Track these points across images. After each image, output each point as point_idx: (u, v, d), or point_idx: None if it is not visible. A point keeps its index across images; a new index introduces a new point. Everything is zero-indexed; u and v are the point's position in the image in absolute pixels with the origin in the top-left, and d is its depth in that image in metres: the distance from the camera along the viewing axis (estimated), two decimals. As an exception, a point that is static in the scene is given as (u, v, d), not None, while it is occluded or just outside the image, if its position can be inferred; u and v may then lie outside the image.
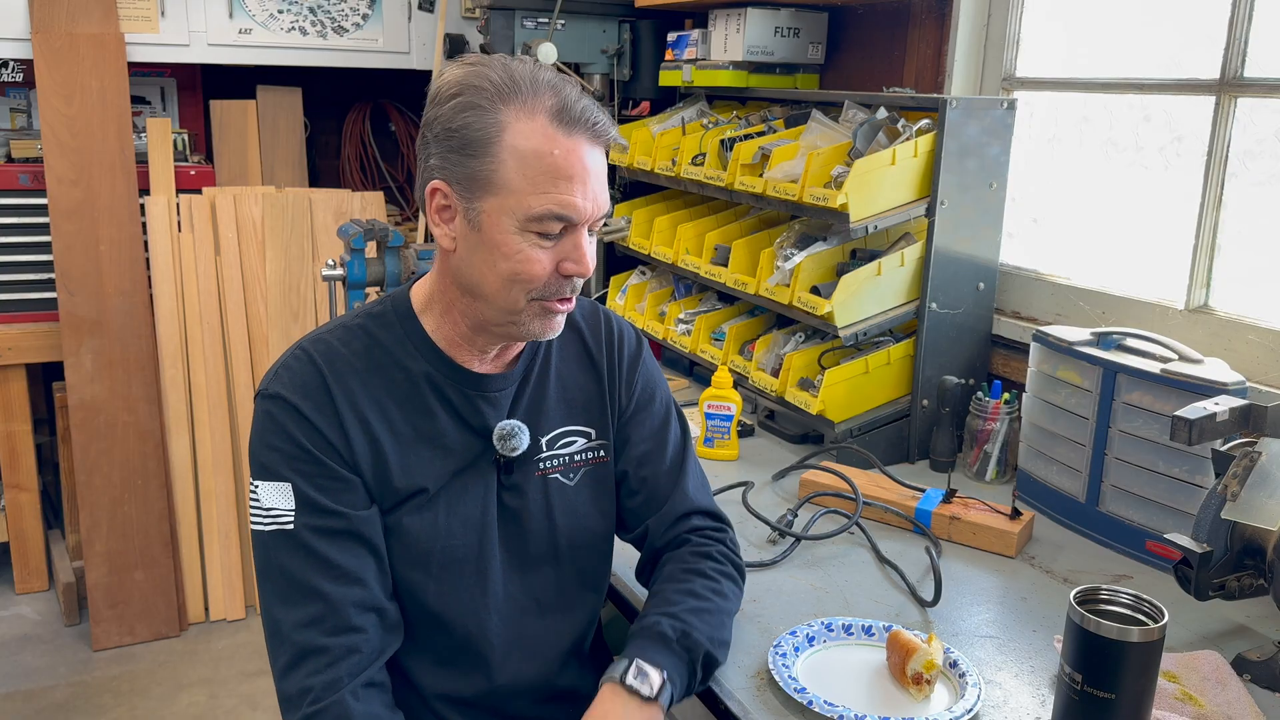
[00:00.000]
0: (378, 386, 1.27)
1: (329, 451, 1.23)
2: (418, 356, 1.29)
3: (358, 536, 1.23)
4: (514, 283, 1.21)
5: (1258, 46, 1.80)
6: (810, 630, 1.41)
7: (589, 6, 2.91)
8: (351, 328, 1.30)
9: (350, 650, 1.20)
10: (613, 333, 1.45)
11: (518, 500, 1.33)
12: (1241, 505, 1.35)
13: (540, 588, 1.36)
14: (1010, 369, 2.15)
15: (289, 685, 1.20)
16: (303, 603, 1.20)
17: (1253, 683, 1.33)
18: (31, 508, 3.29)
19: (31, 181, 3.10)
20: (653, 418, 1.44)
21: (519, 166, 1.17)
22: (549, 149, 1.17)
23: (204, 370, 3.22)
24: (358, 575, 1.22)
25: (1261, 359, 1.76)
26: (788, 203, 2.13)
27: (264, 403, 1.24)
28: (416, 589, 1.28)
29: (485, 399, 1.31)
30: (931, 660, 1.28)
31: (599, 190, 1.21)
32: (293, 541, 1.21)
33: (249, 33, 3.39)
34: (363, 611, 1.22)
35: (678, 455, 1.45)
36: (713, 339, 2.46)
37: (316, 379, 1.24)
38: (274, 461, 1.22)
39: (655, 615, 1.29)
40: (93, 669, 3.02)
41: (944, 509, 1.75)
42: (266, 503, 1.22)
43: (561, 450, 1.37)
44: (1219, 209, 1.86)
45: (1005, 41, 2.28)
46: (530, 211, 1.18)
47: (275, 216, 3.30)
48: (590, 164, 1.20)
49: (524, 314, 1.24)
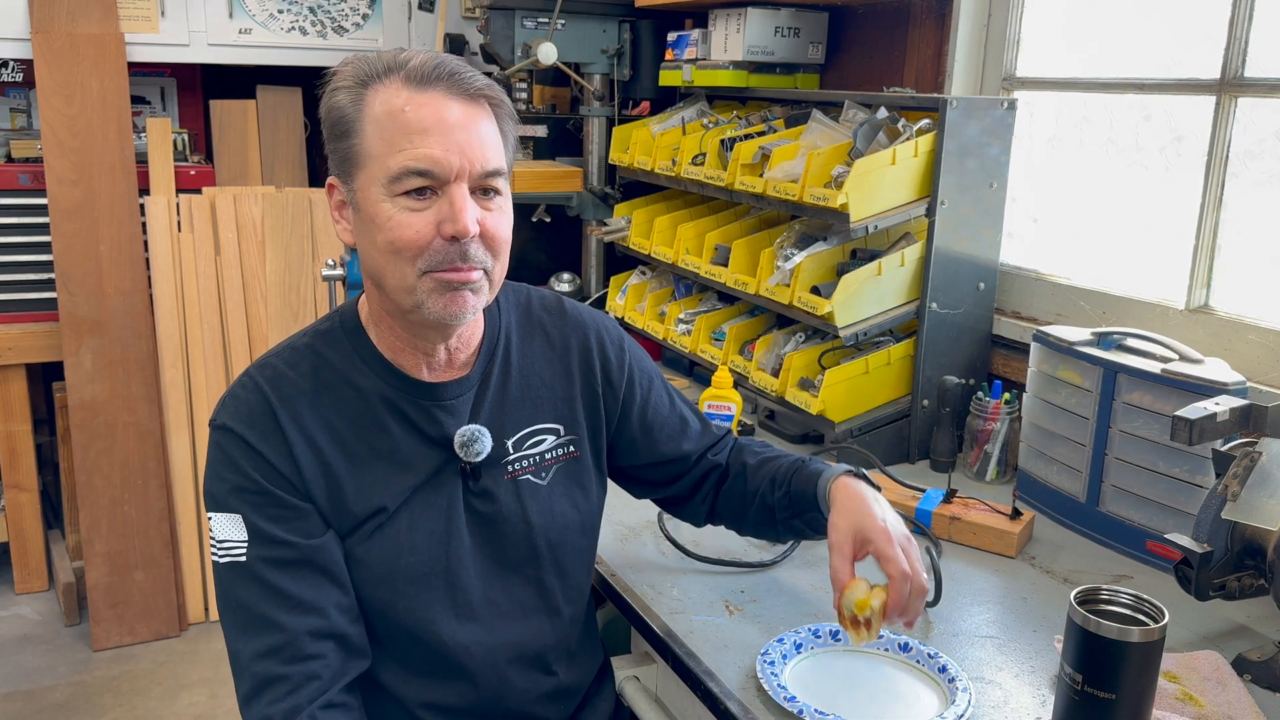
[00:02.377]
0: (327, 407, 1.24)
1: (278, 481, 1.21)
2: (367, 372, 1.26)
3: (312, 565, 1.22)
4: (395, 254, 1.16)
5: (1258, 46, 1.80)
6: (798, 637, 1.40)
7: (589, 6, 2.91)
8: (299, 348, 1.27)
9: (310, 677, 1.19)
10: (588, 327, 1.42)
11: (489, 506, 1.31)
12: (1242, 505, 1.35)
13: (521, 592, 1.35)
14: (1010, 369, 2.15)
15: (251, 714, 1.19)
16: (260, 633, 1.19)
17: (1253, 683, 1.33)
18: (31, 508, 3.30)
19: (31, 181, 3.10)
20: (655, 392, 1.48)
21: (377, 132, 1.15)
22: (400, 107, 1.15)
23: (204, 370, 3.22)
24: (313, 604, 1.21)
25: (1261, 359, 1.76)
26: (788, 203, 2.13)
27: (214, 433, 1.23)
28: (385, 607, 1.27)
29: (442, 408, 1.28)
30: (864, 600, 1.23)
31: (468, 143, 1.15)
32: (247, 573, 1.20)
33: (249, 33, 3.39)
34: (319, 640, 1.20)
35: (683, 407, 1.52)
36: (713, 339, 2.46)
37: (263, 406, 1.22)
38: (224, 493, 1.21)
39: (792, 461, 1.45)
40: (93, 669, 3.02)
41: (944, 509, 1.75)
42: (219, 535, 1.21)
43: (530, 450, 1.34)
44: (1219, 209, 1.86)
45: (1005, 41, 2.28)
46: (389, 173, 1.14)
47: (275, 216, 3.30)
48: (450, 116, 1.15)
49: (419, 291, 1.18)
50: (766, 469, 1.46)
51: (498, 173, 1.19)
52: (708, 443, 1.52)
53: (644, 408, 1.45)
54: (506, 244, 1.23)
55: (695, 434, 1.51)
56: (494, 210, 1.20)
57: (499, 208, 1.21)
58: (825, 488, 1.35)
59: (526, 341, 1.37)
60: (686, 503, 1.54)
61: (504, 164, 1.21)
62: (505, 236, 1.22)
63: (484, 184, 1.19)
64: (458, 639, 1.30)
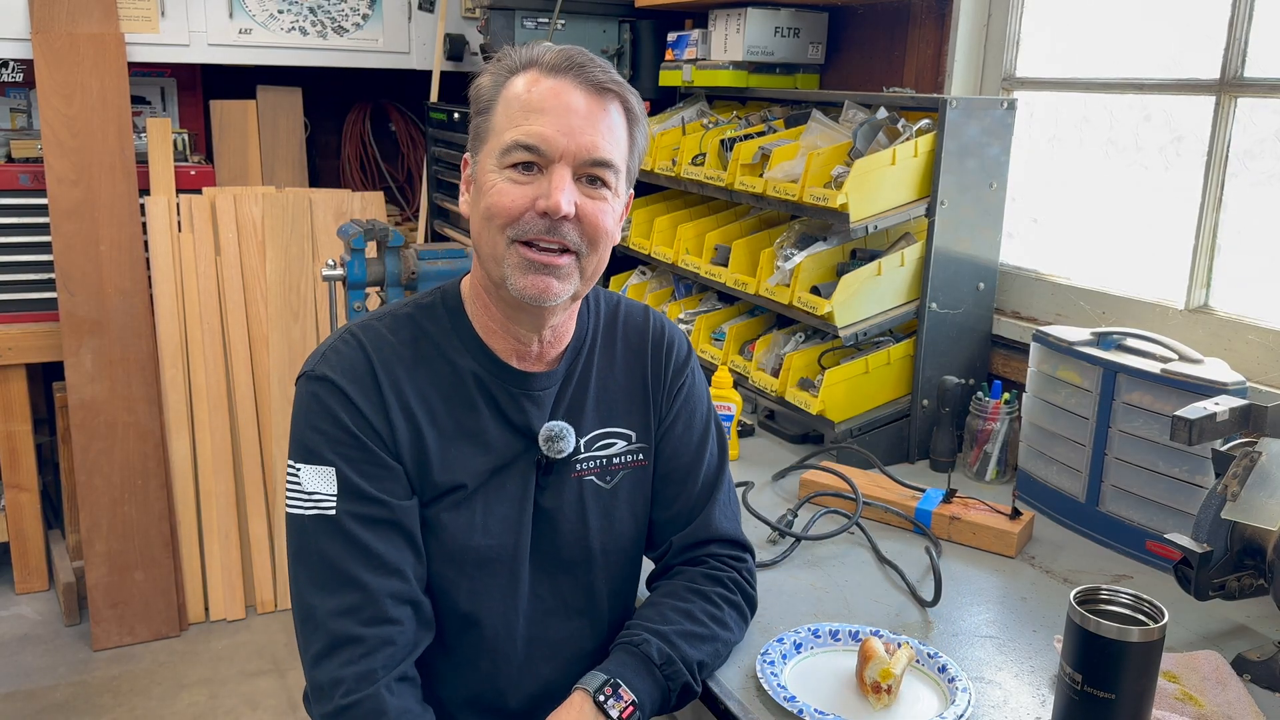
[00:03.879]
0: (423, 378, 1.26)
1: (374, 437, 1.21)
2: (464, 352, 1.28)
3: (398, 526, 1.22)
4: (489, 220, 1.20)
5: (1258, 46, 1.80)
6: (798, 637, 1.39)
7: (589, 6, 2.91)
8: (400, 317, 1.29)
9: (385, 642, 1.18)
10: (662, 337, 1.41)
11: (553, 501, 1.32)
12: (1241, 505, 1.35)
13: (569, 590, 1.35)
14: (1010, 369, 2.15)
15: (320, 674, 1.18)
16: (340, 590, 1.18)
17: (1253, 683, 1.33)
18: (31, 508, 3.30)
19: (31, 181, 3.10)
20: (691, 432, 1.41)
21: (504, 110, 1.21)
22: (529, 90, 1.19)
23: (204, 370, 3.22)
24: (397, 566, 1.21)
25: (1261, 359, 1.76)
26: (788, 203, 2.13)
27: (310, 384, 1.23)
28: (449, 586, 1.27)
29: (530, 398, 1.29)
30: (888, 669, 1.26)
31: (581, 129, 1.18)
32: (334, 527, 1.19)
33: (249, 33, 3.39)
34: (400, 604, 1.20)
35: (711, 476, 1.41)
36: (713, 339, 2.46)
37: (364, 364, 1.23)
38: (318, 444, 1.21)
39: (646, 633, 1.27)
40: (93, 669, 3.02)
41: (944, 509, 1.75)
42: (308, 486, 1.20)
43: (600, 452, 1.35)
44: (1219, 209, 1.86)
45: (1005, 41, 2.28)
46: (502, 145, 1.19)
47: (275, 216, 3.30)
48: (572, 102, 1.18)
49: (507, 262, 1.20)
50: (648, 608, 1.35)
51: (606, 164, 1.20)
52: (701, 534, 1.38)
53: (670, 427, 1.40)
54: (606, 235, 1.23)
55: (689, 499, 1.39)
56: (596, 199, 1.21)
57: (603, 197, 1.22)
58: (575, 687, 1.23)
59: (608, 346, 1.38)
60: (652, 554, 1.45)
61: (617, 159, 1.22)
62: (605, 227, 1.22)
63: (590, 172, 1.20)
64: (509, 630, 1.30)
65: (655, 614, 1.31)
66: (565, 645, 1.35)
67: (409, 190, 4.18)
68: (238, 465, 3.30)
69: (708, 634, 1.30)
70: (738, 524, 1.43)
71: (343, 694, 1.15)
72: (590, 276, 1.26)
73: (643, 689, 1.22)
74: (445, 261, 2.44)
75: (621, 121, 1.23)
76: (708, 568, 1.38)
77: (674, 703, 1.26)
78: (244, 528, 3.33)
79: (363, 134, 4.09)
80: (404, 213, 4.07)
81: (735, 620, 1.36)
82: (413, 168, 4.16)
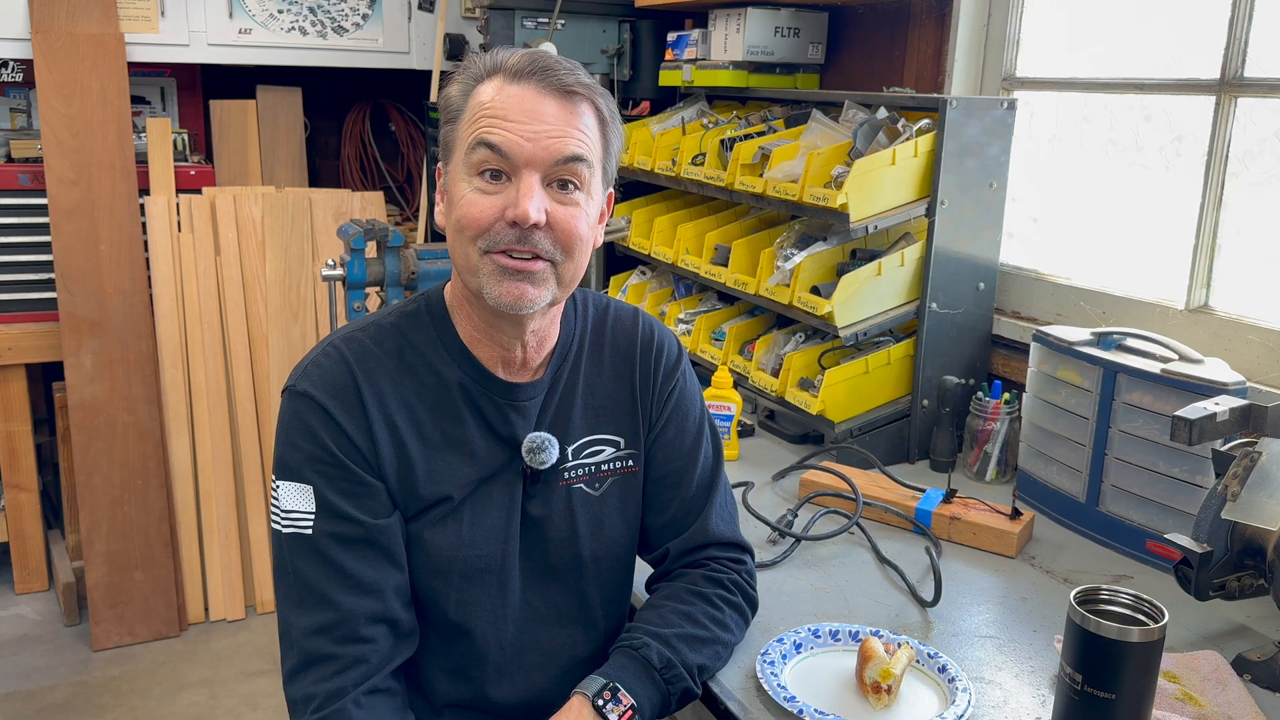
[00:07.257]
0: (408, 389, 1.25)
1: (354, 455, 1.21)
2: (450, 362, 1.27)
3: (376, 545, 1.21)
4: (460, 232, 1.19)
5: (1258, 46, 1.80)
6: (798, 637, 1.39)
7: (589, 6, 2.91)
8: (384, 327, 1.28)
9: (358, 660, 1.19)
10: (651, 341, 1.40)
11: (541, 510, 1.31)
12: (1241, 505, 1.35)
13: (561, 598, 1.34)
14: (1010, 369, 2.15)
15: (294, 689, 1.19)
16: (315, 609, 1.19)
17: (1253, 683, 1.33)
18: (31, 508, 3.30)
19: (31, 181, 3.10)
20: (684, 436, 1.39)
21: (470, 118, 1.19)
22: (494, 96, 1.18)
23: (204, 370, 3.22)
24: (372, 585, 1.21)
25: (1261, 359, 1.76)
26: (788, 203, 2.13)
27: (292, 400, 1.22)
28: (437, 597, 1.27)
29: (515, 409, 1.29)
30: (888, 669, 1.26)
31: (546, 132, 1.16)
32: (310, 547, 1.20)
33: (249, 33, 3.39)
34: (373, 623, 1.21)
35: (706, 479, 1.40)
36: (713, 339, 2.46)
37: (347, 378, 1.22)
38: (297, 462, 1.20)
39: (646, 636, 1.26)
40: (93, 669, 3.02)
41: (944, 509, 1.75)
42: (286, 504, 1.20)
43: (587, 459, 1.34)
44: (1219, 209, 1.86)
45: (1005, 41, 2.28)
46: (469, 152, 1.18)
47: (275, 216, 3.30)
48: (538, 106, 1.16)
49: (481, 272, 1.19)
50: (648, 610, 1.34)
51: (576, 158, 1.18)
52: (699, 539, 1.38)
53: (661, 431, 1.39)
54: (581, 241, 1.21)
55: (684, 503, 1.39)
56: (568, 204, 1.19)
57: (575, 202, 1.19)
58: (574, 691, 1.23)
59: (596, 351, 1.37)
60: (648, 556, 1.45)
61: (587, 154, 1.19)
62: (578, 232, 1.20)
63: (560, 174, 1.18)
64: (499, 639, 1.30)
65: (656, 616, 1.31)
66: (560, 653, 1.35)
67: (409, 190, 4.18)
68: (237, 465, 3.30)
69: (709, 637, 1.30)
70: (735, 526, 1.43)
71: (313, 709, 1.17)
72: (569, 282, 1.24)
73: (642, 693, 1.22)
74: (445, 261, 2.44)
75: (593, 123, 1.21)
76: (708, 570, 1.37)
77: (674, 706, 1.26)
78: (244, 528, 3.32)
79: (362, 134, 4.09)
80: (404, 213, 4.07)
81: (736, 622, 1.36)
82: (412, 168, 4.16)
